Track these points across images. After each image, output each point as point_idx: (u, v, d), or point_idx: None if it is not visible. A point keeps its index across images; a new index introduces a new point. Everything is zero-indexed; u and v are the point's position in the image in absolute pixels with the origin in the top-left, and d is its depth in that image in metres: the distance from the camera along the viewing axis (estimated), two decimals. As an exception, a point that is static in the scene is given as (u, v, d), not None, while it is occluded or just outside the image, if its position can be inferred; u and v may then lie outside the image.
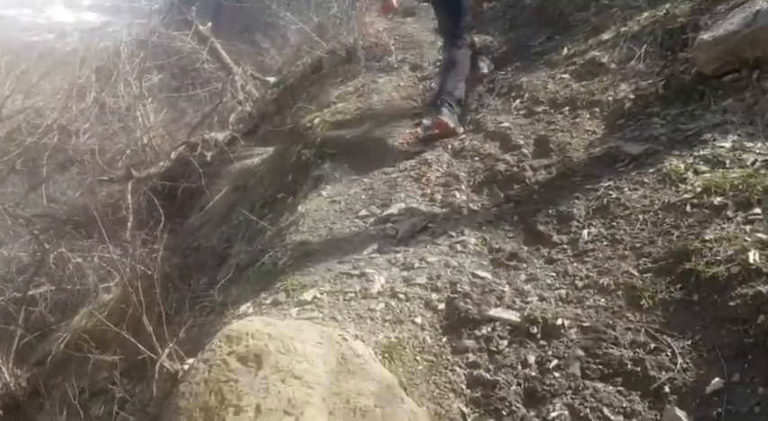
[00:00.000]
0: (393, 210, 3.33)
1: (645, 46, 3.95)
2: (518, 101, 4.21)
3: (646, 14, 4.30)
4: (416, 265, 2.77)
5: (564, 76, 4.23)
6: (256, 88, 7.53)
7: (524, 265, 2.70)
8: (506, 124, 3.93)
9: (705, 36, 3.41)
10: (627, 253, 2.51)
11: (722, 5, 3.75)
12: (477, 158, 3.72)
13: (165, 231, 5.62)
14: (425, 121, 4.40)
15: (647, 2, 4.53)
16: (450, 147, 3.97)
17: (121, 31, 10.91)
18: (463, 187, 3.48)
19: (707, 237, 2.33)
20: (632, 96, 3.68)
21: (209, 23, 8.21)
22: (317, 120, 5.05)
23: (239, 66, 7.63)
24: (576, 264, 2.58)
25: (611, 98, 3.76)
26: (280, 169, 4.98)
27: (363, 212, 3.45)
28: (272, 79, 7.71)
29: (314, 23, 7.73)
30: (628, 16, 4.46)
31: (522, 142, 3.69)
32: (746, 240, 2.22)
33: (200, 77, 8.29)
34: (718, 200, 2.51)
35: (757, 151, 2.74)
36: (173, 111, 9.30)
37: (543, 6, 5.60)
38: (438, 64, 5.58)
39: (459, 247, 2.88)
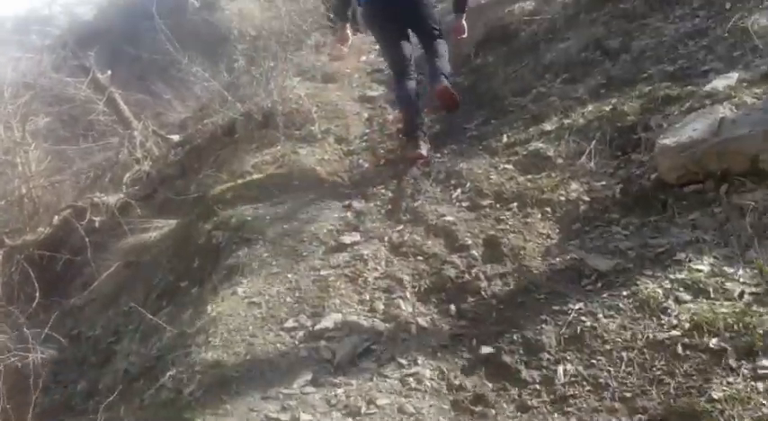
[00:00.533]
0: (327, 322, 2.81)
1: (593, 142, 3.73)
2: (459, 190, 3.86)
3: (590, 108, 4.10)
4: (363, 410, 2.25)
5: (507, 166, 3.93)
6: (157, 146, 6.80)
7: (494, 412, 2.25)
8: (450, 218, 3.55)
9: (667, 141, 3.20)
10: (616, 405, 2.13)
11: (675, 107, 3.61)
12: (420, 258, 3.29)
13: (40, 311, 4.80)
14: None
15: (589, 94, 4.36)
16: (387, 239, 3.53)
17: (6, 65, 9.82)
18: (408, 295, 3.02)
19: (714, 396, 1.98)
20: (587, 198, 3.41)
21: (109, 72, 7.45)
22: (230, 195, 4.48)
23: (140, 120, 6.89)
24: (556, 416, 2.16)
25: (563, 198, 3.47)
26: (183, 250, 4.31)
27: (290, 323, 2.89)
28: (176, 137, 7.00)
29: (224, 80, 7.17)
30: (569, 107, 4.27)
31: (470, 242, 3.31)
32: (765, 405, 1.89)
33: (93, 128, 7.44)
34: (713, 342, 2.20)
35: (741, 280, 2.48)
36: (58, 161, 8.37)
37: (475, 86, 5.40)
38: (364, 138, 5.20)
39: (412, 382, 2.40)
